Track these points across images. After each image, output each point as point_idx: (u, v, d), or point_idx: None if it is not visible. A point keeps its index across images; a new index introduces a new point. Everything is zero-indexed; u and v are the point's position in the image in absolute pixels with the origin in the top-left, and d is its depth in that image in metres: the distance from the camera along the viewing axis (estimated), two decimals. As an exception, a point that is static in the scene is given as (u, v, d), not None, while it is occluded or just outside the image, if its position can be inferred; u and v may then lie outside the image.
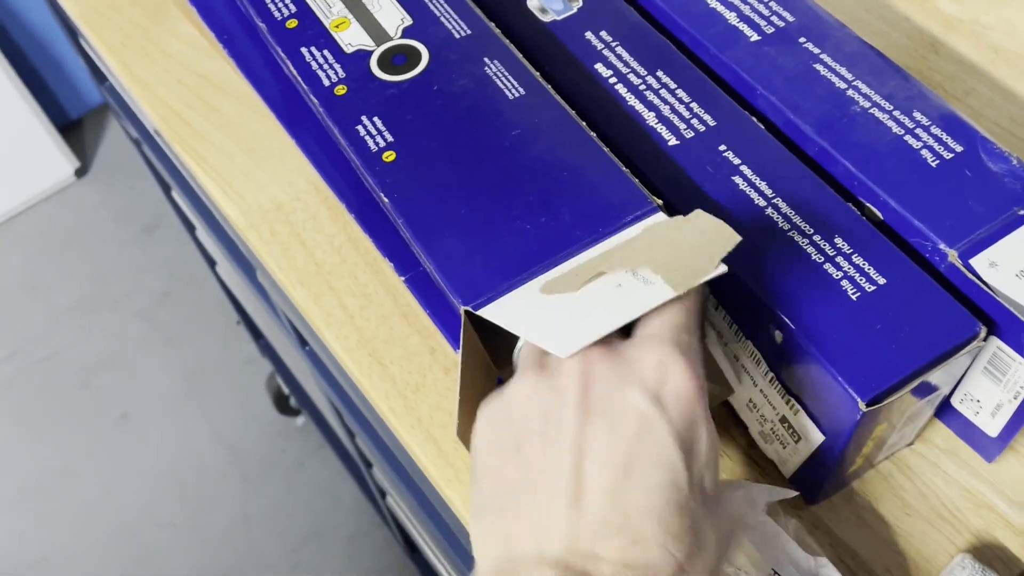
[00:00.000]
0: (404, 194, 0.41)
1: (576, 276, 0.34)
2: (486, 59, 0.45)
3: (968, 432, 0.43)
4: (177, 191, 0.99)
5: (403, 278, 0.48)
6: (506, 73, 0.44)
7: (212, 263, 1.22)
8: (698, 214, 0.34)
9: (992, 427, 0.41)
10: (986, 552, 0.41)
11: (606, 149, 0.41)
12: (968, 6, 0.61)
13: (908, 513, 0.42)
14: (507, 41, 0.47)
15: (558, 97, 0.44)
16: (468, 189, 0.40)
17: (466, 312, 0.35)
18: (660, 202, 0.39)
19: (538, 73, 0.45)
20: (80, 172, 1.89)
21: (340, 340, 0.50)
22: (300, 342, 0.75)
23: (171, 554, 1.43)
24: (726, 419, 0.45)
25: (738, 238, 0.33)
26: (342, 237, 0.54)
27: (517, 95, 0.43)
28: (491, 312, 0.35)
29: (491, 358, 0.39)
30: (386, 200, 0.41)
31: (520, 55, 0.46)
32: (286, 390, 1.45)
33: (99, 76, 0.97)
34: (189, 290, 1.72)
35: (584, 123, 0.42)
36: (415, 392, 0.48)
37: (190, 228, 1.15)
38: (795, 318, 0.37)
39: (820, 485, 0.41)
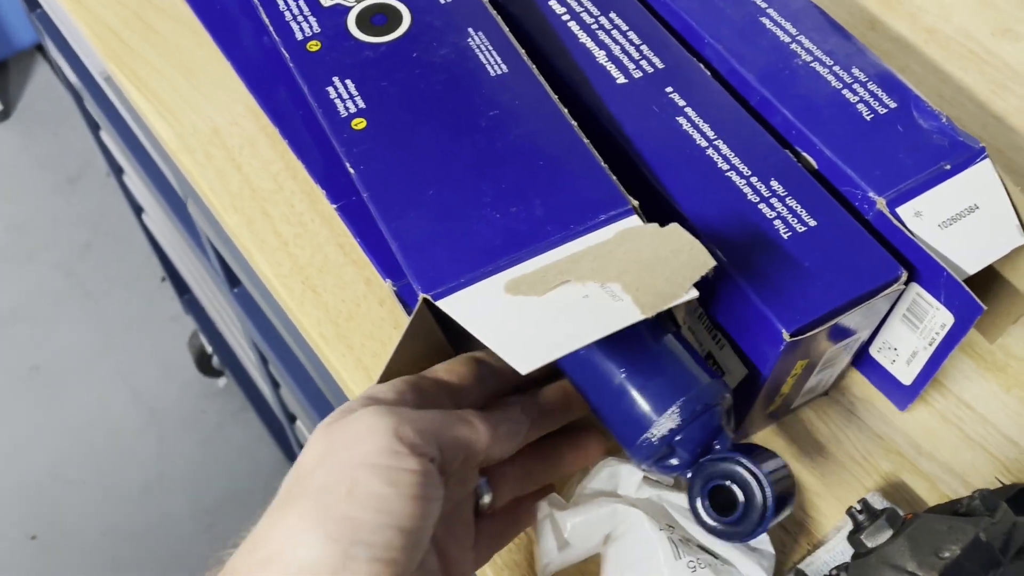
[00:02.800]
0: (371, 166, 0.39)
1: (543, 279, 0.33)
2: (470, 29, 0.43)
3: (884, 382, 0.44)
4: (107, 131, 0.96)
5: (335, 206, 0.47)
6: (490, 47, 0.43)
7: (139, 211, 1.19)
8: (674, 228, 0.33)
9: (907, 375, 0.42)
10: (894, 494, 0.43)
11: (586, 141, 0.39)
12: (906, -10, 0.63)
13: (823, 455, 0.44)
14: (495, 13, 0.45)
15: (542, 79, 0.42)
16: (439, 168, 0.38)
17: (424, 300, 0.34)
18: (636, 203, 0.37)
19: (523, 50, 0.43)
20: (2, 115, 1.82)
21: (272, 267, 0.49)
22: (229, 283, 0.74)
23: (79, 512, 1.39)
24: (654, 361, 0.46)
25: (713, 263, 0.32)
26: (279, 164, 0.53)
27: (499, 72, 0.42)
28: (451, 306, 0.33)
29: (447, 337, 0.37)
30: (352, 171, 0.39)
31: (507, 29, 0.44)
32: (209, 349, 1.42)
33: (31, 3, 0.93)
34: (112, 244, 1.67)
35: (566, 109, 0.40)
36: (347, 320, 0.47)
37: (118, 172, 1.12)
38: (728, 253, 0.38)
39: (739, 422, 0.42)
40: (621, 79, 0.44)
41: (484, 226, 0.36)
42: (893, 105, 0.43)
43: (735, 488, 0.33)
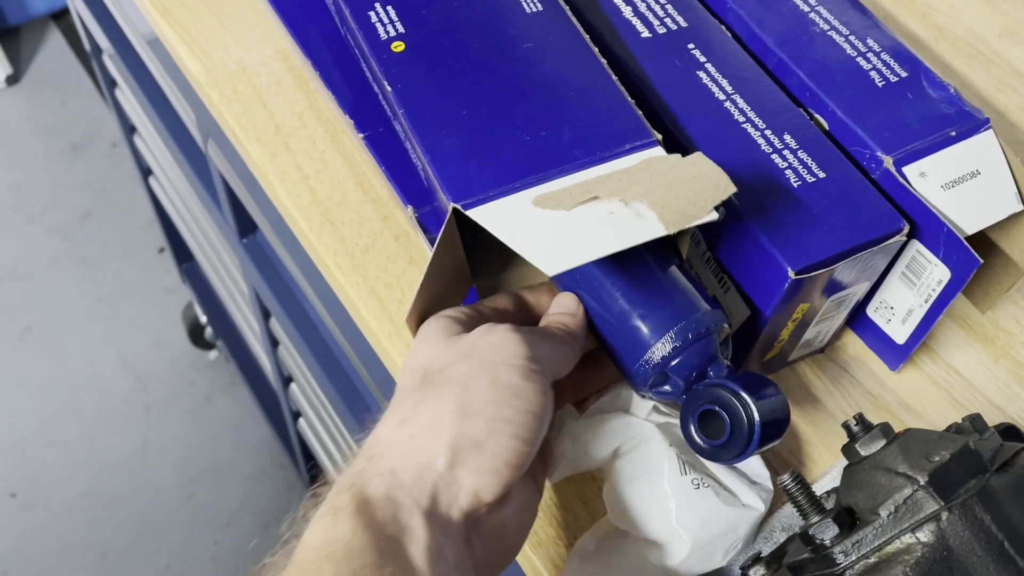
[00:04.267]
0: (408, 86, 0.41)
1: (570, 195, 0.34)
2: None
3: (878, 341, 0.46)
4: (125, 85, 0.97)
5: (362, 135, 0.48)
6: None
7: (147, 174, 1.20)
8: (698, 157, 0.34)
9: (901, 334, 0.44)
10: (882, 449, 0.44)
11: (615, 78, 0.41)
12: (918, -11, 0.66)
13: (816, 407, 0.45)
14: None
15: (575, 20, 0.44)
16: (472, 92, 0.40)
17: (454, 210, 0.35)
18: (660, 137, 0.39)
19: None
20: (11, 80, 1.82)
21: (293, 198, 0.51)
22: (240, 232, 0.75)
23: (62, 473, 1.39)
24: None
25: (733, 188, 0.33)
26: (304, 103, 0.54)
27: (535, 10, 0.43)
28: (480, 215, 0.35)
29: (469, 265, 0.39)
30: (389, 88, 0.41)
31: None
32: (203, 320, 1.43)
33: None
34: (112, 213, 1.68)
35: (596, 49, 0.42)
36: (364, 253, 0.49)
37: (130, 132, 1.13)
38: (739, 197, 0.40)
39: (737, 367, 0.43)
40: (646, 33, 0.46)
41: (514, 146, 0.37)
42: (904, 74, 0.44)
43: (723, 413, 0.34)
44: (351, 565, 0.29)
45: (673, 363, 0.36)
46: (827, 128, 0.44)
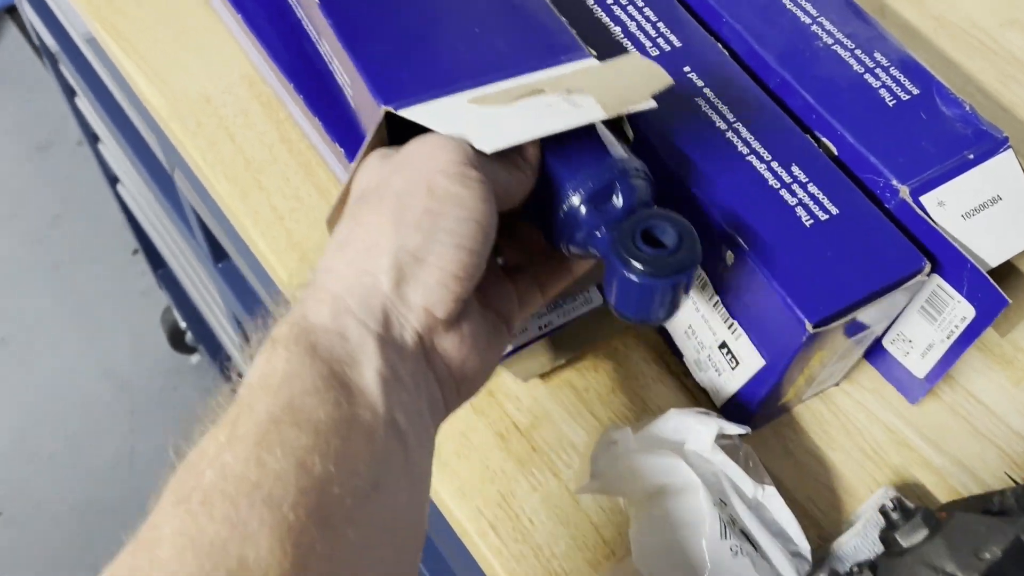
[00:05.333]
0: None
1: (508, 93, 0.33)
2: None
3: (895, 374, 0.44)
4: (84, 96, 0.92)
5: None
6: None
7: (114, 181, 1.15)
8: (632, 55, 0.34)
9: (920, 368, 0.42)
10: (904, 488, 0.42)
11: (550, 3, 0.40)
12: (913, -24, 0.63)
13: (832, 447, 0.43)
14: None
15: None
16: (404, 5, 0.37)
17: (387, 114, 0.33)
18: (595, 54, 0.37)
19: None
20: (-32, 79, 1.76)
21: (267, 240, 0.47)
22: (214, 258, 0.72)
23: (47, 487, 1.36)
24: (662, 347, 0.45)
25: (670, 80, 0.32)
26: (274, 134, 0.51)
27: None
28: (413, 113, 0.33)
29: None
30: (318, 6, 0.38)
31: None
32: (183, 324, 1.39)
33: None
34: (82, 214, 1.63)
35: None
36: (345, 299, 0.46)
37: (93, 140, 1.08)
38: (749, 240, 0.37)
39: (751, 415, 0.41)
40: (638, 56, 0.42)
41: (448, 55, 0.35)
42: (916, 91, 0.42)
43: (667, 226, 0.31)
44: (288, 392, 0.26)
45: (591, 211, 0.33)
46: (836, 153, 0.41)
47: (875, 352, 0.44)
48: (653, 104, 0.32)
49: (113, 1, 0.56)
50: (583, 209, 0.32)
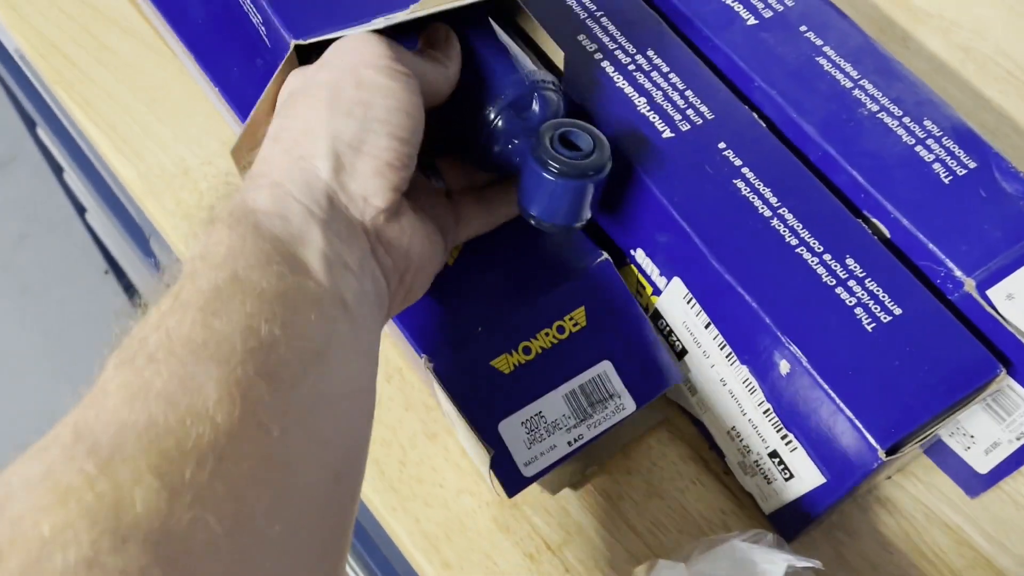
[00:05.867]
0: None
1: (409, 12, 0.34)
2: None
3: (954, 467, 0.40)
4: (44, 128, 0.87)
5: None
6: None
7: (81, 210, 1.10)
8: None
9: (983, 464, 0.39)
10: (967, 594, 0.39)
11: None
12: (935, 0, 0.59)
13: (889, 551, 0.40)
14: None
15: None
16: None
17: (295, 47, 0.33)
18: None
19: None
20: (-79, 94, 1.68)
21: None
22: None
23: (25, 524, 1.31)
24: (698, 443, 0.41)
25: None
26: (263, 213, 0.46)
27: None
28: (323, 35, 0.33)
29: None
30: None
31: None
32: (161, 350, 1.34)
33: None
34: (50, 233, 1.56)
35: None
36: (350, 401, 0.41)
37: (57, 170, 1.02)
38: (806, 348, 0.33)
39: (804, 525, 0.38)
40: (667, 132, 0.38)
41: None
42: (973, 165, 0.38)
43: (582, 132, 0.34)
44: (232, 266, 0.26)
45: (510, 121, 0.35)
46: (888, 236, 0.37)
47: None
48: None
49: (77, 64, 0.51)
50: (501, 120, 0.35)
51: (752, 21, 0.42)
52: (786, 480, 0.37)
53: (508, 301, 0.38)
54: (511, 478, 0.36)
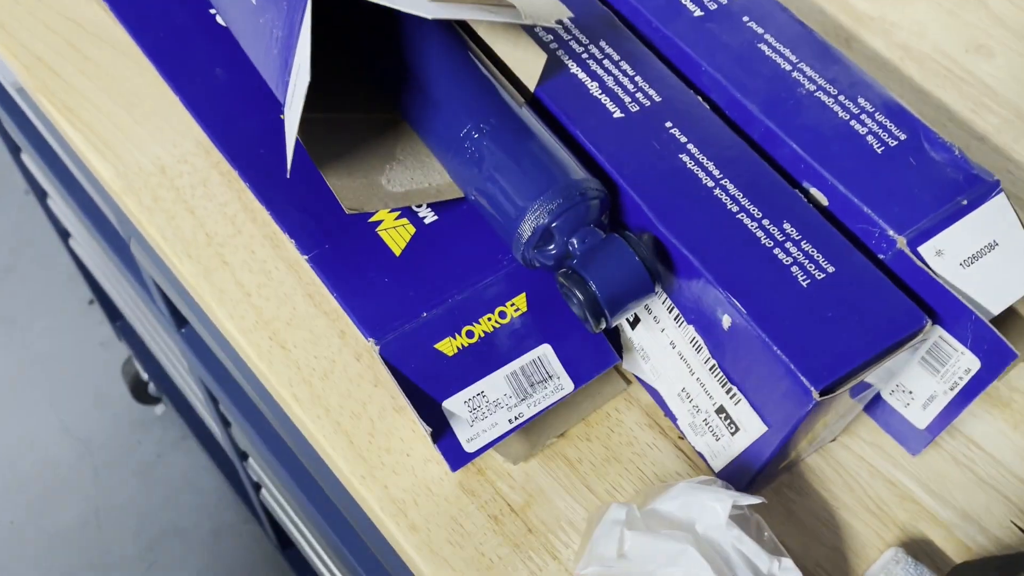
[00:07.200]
0: None
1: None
2: None
3: (894, 425, 0.42)
4: (29, 153, 0.89)
5: (306, 256, 0.43)
6: None
7: (65, 235, 1.11)
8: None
9: (921, 419, 0.41)
10: (912, 545, 0.41)
11: None
12: (876, 4, 0.62)
13: (837, 507, 0.41)
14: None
15: None
16: None
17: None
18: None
19: None
20: (-93, 131, 1.70)
21: (235, 320, 0.45)
22: (176, 324, 0.68)
23: (9, 556, 1.30)
24: (655, 411, 0.43)
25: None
26: (236, 205, 0.48)
27: None
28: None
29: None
30: None
31: None
32: (145, 376, 1.35)
33: (-61, 18, 0.86)
34: (34, 265, 1.58)
35: None
36: (322, 379, 0.43)
37: (41, 195, 1.04)
38: (747, 303, 0.35)
39: (752, 480, 0.39)
40: (618, 112, 0.41)
41: None
42: (903, 137, 0.41)
43: (575, 293, 0.36)
44: None
45: (542, 238, 0.37)
46: (826, 204, 0.40)
47: (873, 403, 0.43)
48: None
49: (59, 73, 0.53)
50: (532, 240, 0.38)
51: (698, 13, 0.45)
52: (732, 434, 0.38)
53: (452, 287, 0.40)
54: (454, 453, 0.38)
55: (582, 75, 0.42)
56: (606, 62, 0.42)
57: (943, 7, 0.63)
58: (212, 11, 0.50)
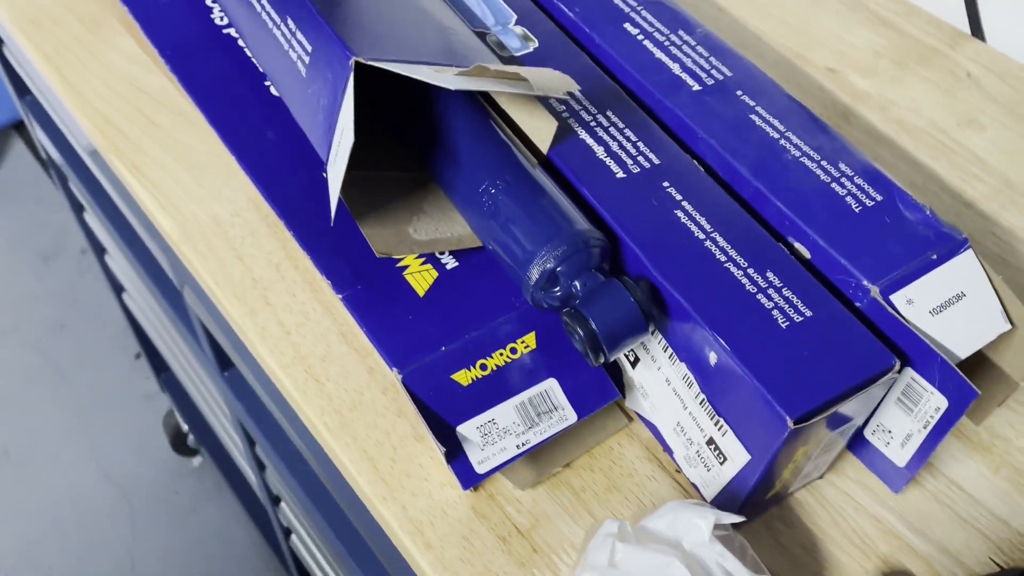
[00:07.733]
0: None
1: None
2: None
3: (878, 464, 0.45)
4: (93, 211, 0.96)
5: (340, 296, 0.48)
6: None
7: (119, 290, 1.18)
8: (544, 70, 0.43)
9: (901, 457, 0.44)
10: (894, 577, 0.43)
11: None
12: (875, 83, 0.67)
13: (822, 538, 0.44)
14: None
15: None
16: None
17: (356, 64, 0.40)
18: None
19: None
20: (-24, 194, 1.81)
21: (275, 356, 0.50)
22: (220, 367, 0.74)
23: (46, 600, 1.34)
24: (654, 445, 0.47)
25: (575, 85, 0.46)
26: (280, 254, 0.54)
27: None
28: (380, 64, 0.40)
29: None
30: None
31: None
32: (184, 428, 1.40)
33: (20, 88, 0.94)
34: (86, 321, 1.66)
35: None
36: (351, 410, 0.48)
37: (100, 252, 1.12)
38: (731, 342, 0.39)
39: (740, 508, 0.43)
40: (620, 174, 0.46)
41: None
42: (879, 198, 0.45)
43: (577, 331, 0.41)
44: None
45: (549, 281, 0.42)
46: (808, 257, 0.44)
47: (858, 443, 0.46)
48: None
49: (128, 136, 0.59)
50: (540, 282, 0.43)
51: (696, 87, 0.50)
52: (721, 464, 0.42)
53: (469, 325, 0.45)
54: (466, 473, 0.42)
55: (590, 140, 0.47)
56: (611, 129, 0.47)
57: (939, 86, 0.67)
58: (267, 83, 0.57)
